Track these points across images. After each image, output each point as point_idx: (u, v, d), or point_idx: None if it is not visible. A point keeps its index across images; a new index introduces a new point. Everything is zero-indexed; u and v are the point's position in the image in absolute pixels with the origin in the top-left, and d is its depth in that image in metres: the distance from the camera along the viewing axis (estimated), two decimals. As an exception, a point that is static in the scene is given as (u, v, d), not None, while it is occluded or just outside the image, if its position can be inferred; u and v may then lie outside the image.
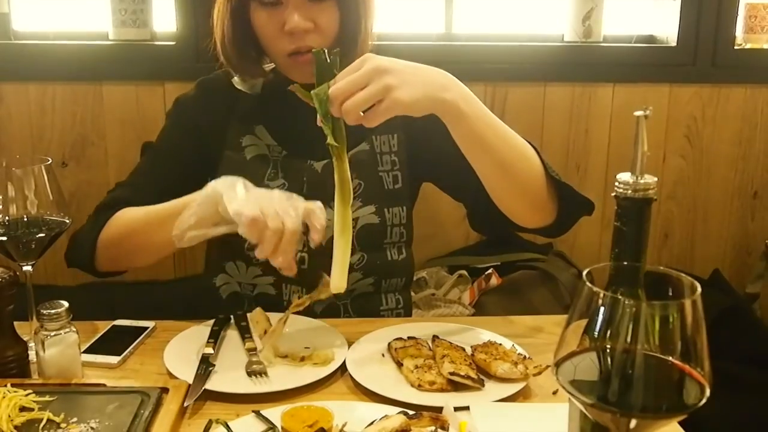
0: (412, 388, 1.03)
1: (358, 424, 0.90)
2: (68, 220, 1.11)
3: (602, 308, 0.61)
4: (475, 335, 1.19)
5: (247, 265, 1.36)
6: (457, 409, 0.94)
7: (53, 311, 1.00)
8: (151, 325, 1.24)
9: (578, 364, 0.63)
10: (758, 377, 1.72)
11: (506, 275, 1.88)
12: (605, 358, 0.61)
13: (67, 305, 1.02)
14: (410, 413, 0.90)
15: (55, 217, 1.10)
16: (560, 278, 1.87)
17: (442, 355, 1.07)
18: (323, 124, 1.03)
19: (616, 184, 0.72)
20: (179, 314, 1.28)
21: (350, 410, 0.95)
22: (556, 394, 1.03)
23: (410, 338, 1.15)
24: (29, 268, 1.11)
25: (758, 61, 2.12)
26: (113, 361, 1.12)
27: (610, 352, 0.61)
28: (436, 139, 1.19)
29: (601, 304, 0.61)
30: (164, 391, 1.00)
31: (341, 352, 1.12)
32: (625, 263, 0.70)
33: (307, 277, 1.33)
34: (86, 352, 1.13)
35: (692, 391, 0.60)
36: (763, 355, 1.77)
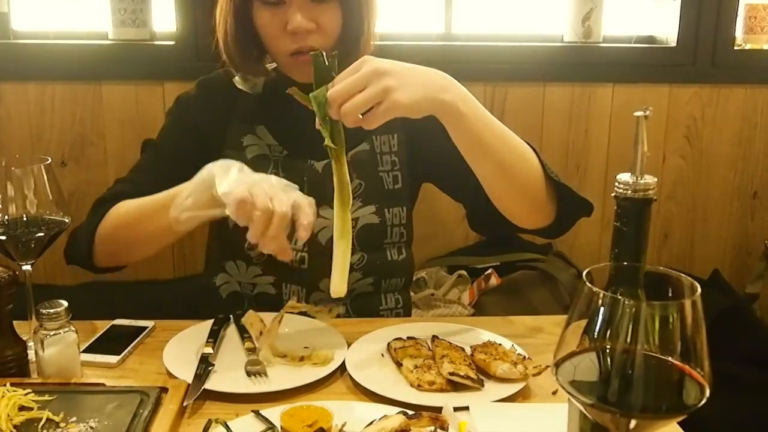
0: (411, 388, 1.03)
1: (357, 424, 0.90)
2: (67, 219, 1.11)
3: (602, 308, 0.61)
4: (474, 335, 1.19)
5: (247, 264, 1.36)
6: (456, 409, 0.94)
7: (52, 311, 1.00)
8: (150, 324, 1.24)
9: (578, 364, 0.63)
10: (758, 377, 1.72)
11: (506, 275, 1.88)
12: (605, 358, 0.61)
13: (66, 305, 1.02)
14: (410, 413, 0.90)
15: (54, 216, 1.10)
16: (560, 278, 1.87)
17: (441, 355, 1.07)
18: (321, 127, 1.02)
19: (616, 184, 0.72)
20: (178, 314, 1.28)
21: (350, 410, 0.95)
22: (555, 394, 1.03)
23: (410, 338, 1.15)
24: (28, 267, 1.11)
25: (758, 61, 2.12)
26: (112, 360, 1.12)
27: (609, 352, 0.61)
28: (435, 139, 1.19)
29: (600, 304, 0.61)
30: (163, 390, 0.99)
31: (341, 352, 1.12)
32: (625, 263, 0.70)
33: (307, 277, 1.34)
34: (85, 351, 1.13)
35: (692, 391, 0.60)
36: (762, 355, 1.77)
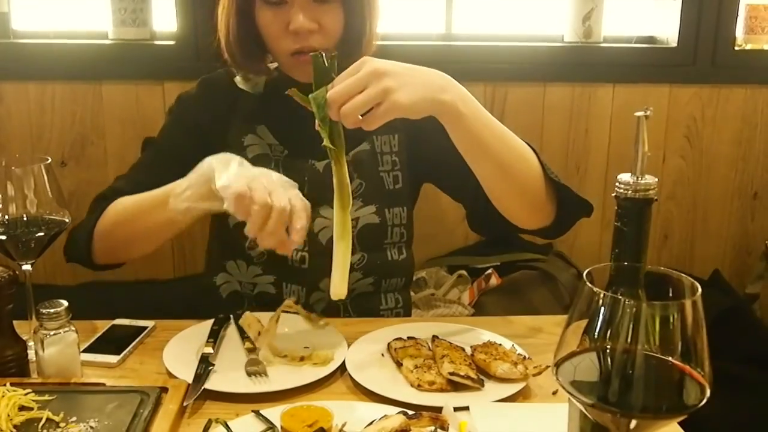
0: (411, 388, 1.03)
1: (357, 424, 0.90)
2: (68, 219, 1.11)
3: (602, 308, 0.61)
4: (474, 335, 1.19)
5: (247, 264, 1.36)
6: (456, 409, 0.94)
7: (52, 310, 1.00)
8: (150, 324, 1.24)
9: (578, 364, 0.63)
10: (758, 377, 1.72)
11: (506, 275, 1.88)
12: (605, 358, 0.61)
13: (66, 304, 1.02)
14: (410, 413, 0.90)
15: (54, 216, 1.10)
16: (560, 278, 1.87)
17: (441, 355, 1.07)
18: (321, 128, 1.02)
19: (616, 184, 0.72)
20: (179, 314, 1.28)
21: (350, 410, 0.95)
22: (555, 394, 1.03)
23: (410, 338, 1.15)
24: (29, 267, 1.11)
25: (758, 61, 2.12)
26: (112, 360, 1.12)
27: (610, 352, 0.61)
28: (435, 139, 1.18)
29: (601, 304, 0.61)
30: (164, 390, 0.99)
31: (341, 352, 1.12)
32: (625, 263, 0.70)
33: (307, 276, 1.34)
34: (85, 351, 1.13)
35: (692, 391, 0.60)
36: (763, 355, 1.77)
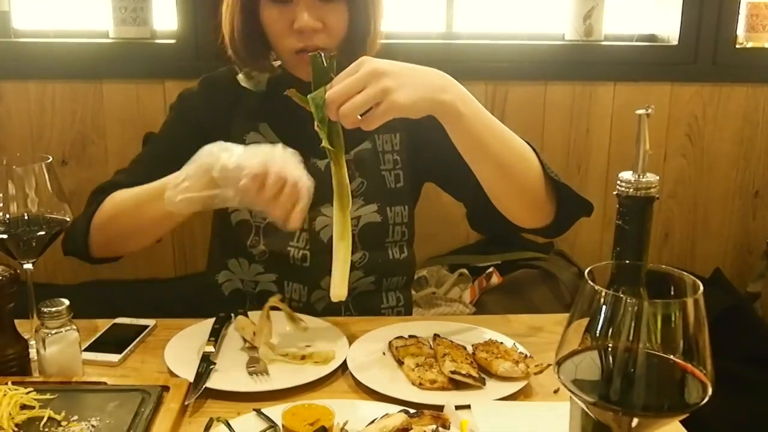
0: (413, 386, 1.03)
1: (359, 422, 0.90)
2: (68, 218, 1.11)
3: (604, 307, 0.60)
4: (476, 334, 1.19)
5: (249, 262, 1.36)
6: (458, 407, 0.94)
7: (54, 309, 1.00)
8: (151, 323, 1.24)
9: (580, 362, 0.63)
10: (759, 376, 1.72)
11: (507, 274, 1.89)
12: (607, 356, 0.61)
13: (67, 303, 1.01)
14: (411, 412, 0.90)
15: (55, 215, 1.10)
16: (561, 277, 1.87)
17: (443, 353, 1.07)
18: (319, 128, 1.02)
19: (618, 182, 0.72)
20: (180, 312, 1.28)
21: (351, 409, 0.95)
22: (557, 392, 1.03)
23: (411, 337, 1.15)
24: (30, 266, 1.11)
25: (760, 60, 2.12)
26: (114, 359, 1.12)
27: (611, 350, 0.61)
28: (436, 138, 1.18)
29: (602, 302, 0.61)
30: (165, 389, 0.99)
31: (342, 350, 1.12)
32: (626, 262, 0.70)
33: (308, 275, 1.34)
34: (87, 350, 1.13)
35: (694, 390, 0.60)
36: (764, 354, 1.77)
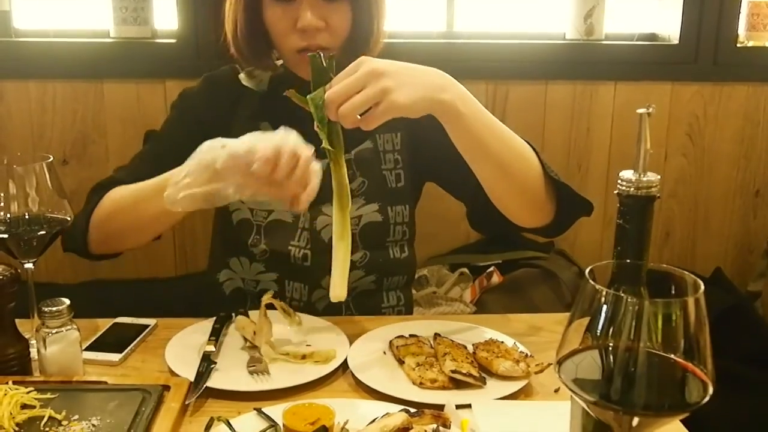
0: (413, 385, 1.03)
1: (359, 421, 0.90)
2: (69, 217, 1.11)
3: (604, 306, 0.60)
4: (476, 333, 1.19)
5: (250, 261, 1.36)
6: (458, 406, 0.94)
7: (54, 309, 1.00)
8: (152, 322, 1.24)
9: (580, 362, 0.63)
10: (760, 376, 1.72)
11: (508, 273, 1.89)
12: (607, 356, 0.61)
13: (68, 303, 1.01)
14: (412, 411, 0.90)
15: (56, 214, 1.10)
16: (562, 276, 1.87)
17: (443, 353, 1.07)
18: (319, 129, 1.02)
19: (618, 181, 0.72)
20: (180, 312, 1.28)
21: (352, 408, 0.95)
22: (557, 392, 1.03)
23: (412, 336, 1.15)
24: (30, 265, 1.11)
25: (760, 59, 2.12)
26: (114, 358, 1.12)
27: (612, 350, 0.61)
28: (436, 137, 1.18)
29: (603, 302, 0.60)
30: (165, 388, 0.99)
31: (342, 349, 1.12)
32: (627, 261, 0.70)
33: (309, 274, 1.34)
34: (87, 349, 1.13)
35: (695, 389, 0.60)
36: (764, 353, 1.77)
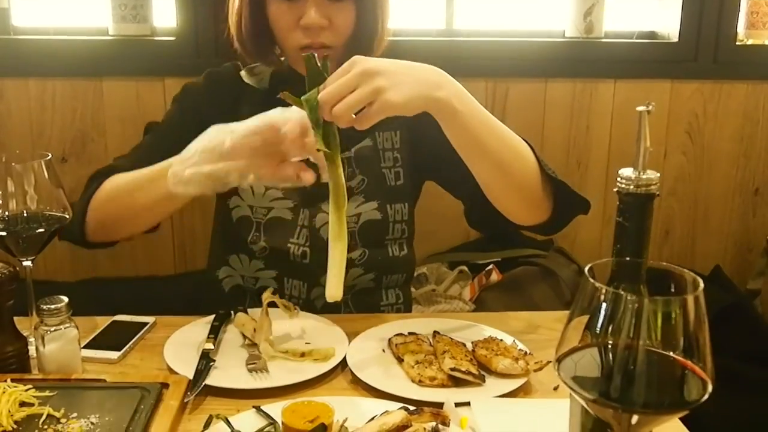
0: (412, 383, 1.03)
1: (358, 419, 0.90)
2: (68, 215, 1.11)
3: (604, 304, 0.60)
4: (475, 331, 1.19)
5: (250, 258, 1.36)
6: (458, 404, 0.94)
7: (53, 307, 1.00)
8: (151, 320, 1.24)
9: (580, 360, 0.63)
10: (759, 374, 1.72)
11: (507, 271, 1.89)
12: (607, 353, 0.61)
13: (67, 301, 1.02)
14: (411, 409, 0.90)
15: (54, 212, 1.10)
16: (561, 274, 1.87)
17: (442, 350, 1.07)
18: (314, 130, 1.02)
19: (618, 179, 0.72)
20: (179, 310, 1.28)
21: (351, 406, 0.95)
22: (557, 389, 1.03)
23: (411, 334, 1.15)
24: (29, 263, 1.11)
25: (760, 57, 2.12)
26: (113, 356, 1.12)
27: (611, 347, 0.61)
28: (434, 134, 1.18)
29: (602, 299, 0.60)
30: (164, 386, 0.99)
31: (342, 347, 1.12)
32: (627, 259, 0.70)
33: (308, 272, 1.34)
34: (86, 347, 1.12)
35: (694, 387, 0.60)
36: (764, 352, 1.77)
